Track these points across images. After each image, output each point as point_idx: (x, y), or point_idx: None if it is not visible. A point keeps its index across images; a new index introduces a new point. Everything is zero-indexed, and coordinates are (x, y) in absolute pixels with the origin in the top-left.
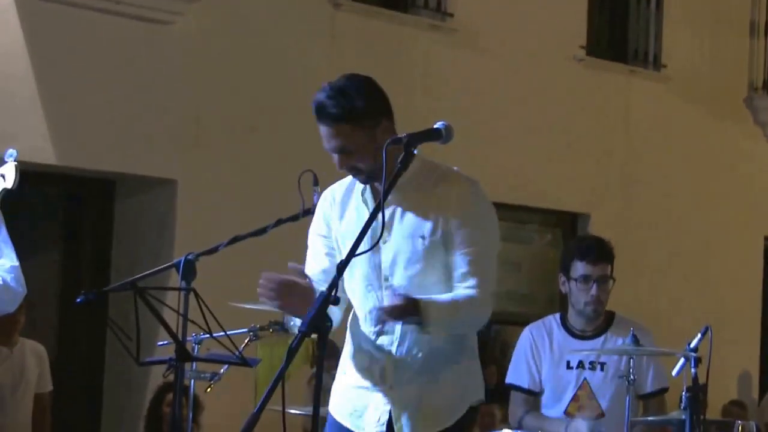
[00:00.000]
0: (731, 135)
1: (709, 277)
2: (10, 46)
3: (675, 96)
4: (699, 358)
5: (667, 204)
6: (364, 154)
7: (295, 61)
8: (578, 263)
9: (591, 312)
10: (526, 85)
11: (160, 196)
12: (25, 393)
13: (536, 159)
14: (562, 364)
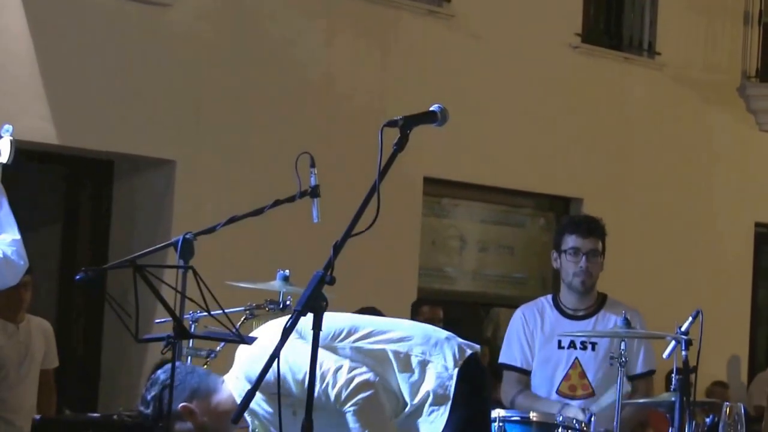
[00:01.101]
0: (724, 122)
1: (700, 261)
2: (12, 28)
3: (669, 83)
4: (689, 341)
5: (659, 189)
6: None
7: (293, 44)
8: (569, 237)
9: (579, 284)
10: (521, 71)
11: (159, 177)
12: (31, 369)
13: (530, 144)
14: (554, 343)
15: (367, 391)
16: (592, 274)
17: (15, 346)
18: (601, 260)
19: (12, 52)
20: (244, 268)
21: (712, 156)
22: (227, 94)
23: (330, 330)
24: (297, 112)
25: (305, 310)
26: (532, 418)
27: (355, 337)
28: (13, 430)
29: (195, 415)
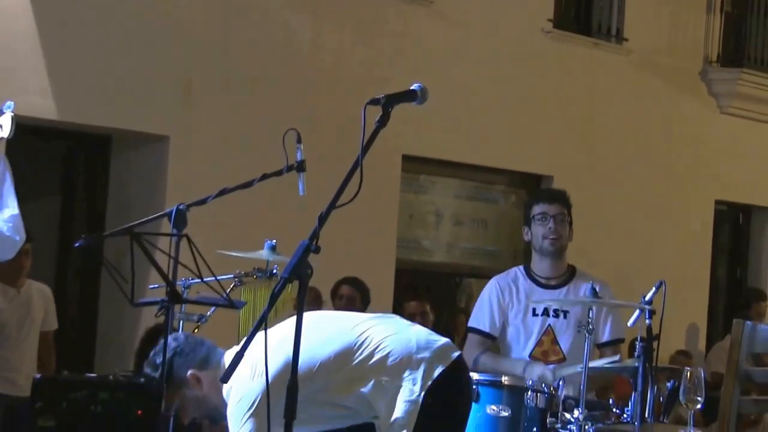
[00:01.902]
0: (687, 105)
1: (663, 236)
2: (13, 9)
3: (635, 68)
4: (653, 310)
5: (625, 167)
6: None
7: (281, 28)
8: (536, 205)
9: (549, 245)
10: (496, 55)
11: (153, 151)
12: (31, 330)
13: (504, 124)
14: (529, 311)
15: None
16: (562, 236)
17: (16, 309)
18: (568, 226)
19: (14, 32)
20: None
21: (675, 137)
22: (218, 74)
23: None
24: (284, 92)
25: (291, 278)
26: (504, 381)
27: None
28: (14, 388)
29: (201, 384)
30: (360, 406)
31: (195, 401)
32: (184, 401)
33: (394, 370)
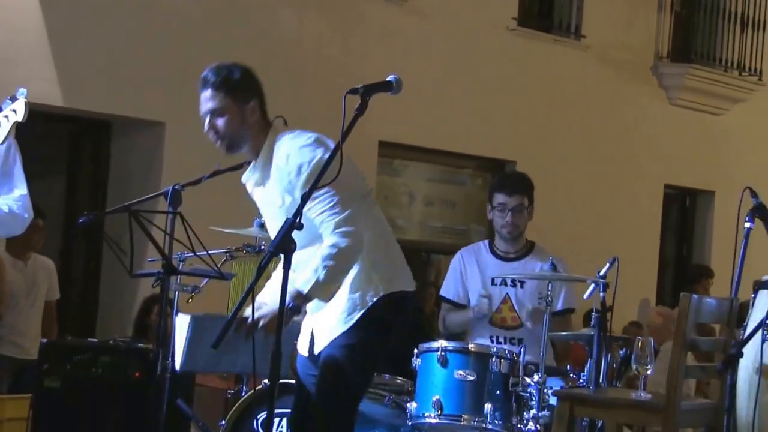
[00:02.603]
0: (639, 97)
1: (617, 216)
2: (24, 5)
3: (592, 62)
4: (607, 284)
5: (582, 154)
6: (230, 123)
7: (269, 22)
8: (497, 194)
9: (506, 234)
10: (465, 50)
11: (150, 136)
12: (36, 299)
13: (472, 113)
14: (488, 280)
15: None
16: (518, 226)
17: (23, 279)
18: (527, 212)
19: (24, 27)
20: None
21: (628, 126)
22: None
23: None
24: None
25: (277, 251)
26: (470, 348)
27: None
28: (21, 351)
29: (255, 114)
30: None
31: (239, 126)
32: (233, 117)
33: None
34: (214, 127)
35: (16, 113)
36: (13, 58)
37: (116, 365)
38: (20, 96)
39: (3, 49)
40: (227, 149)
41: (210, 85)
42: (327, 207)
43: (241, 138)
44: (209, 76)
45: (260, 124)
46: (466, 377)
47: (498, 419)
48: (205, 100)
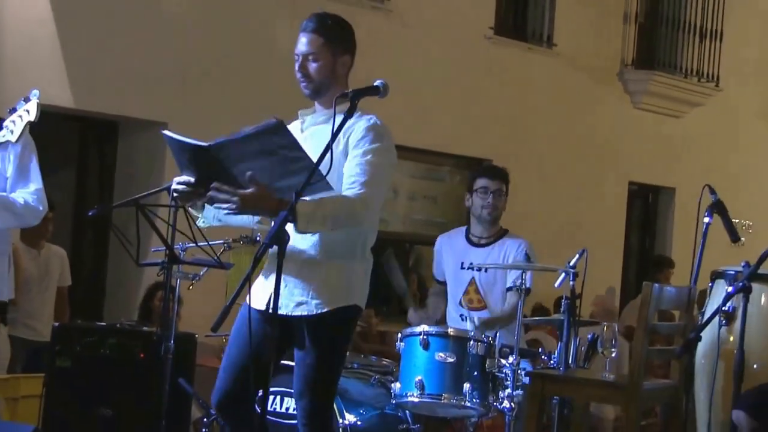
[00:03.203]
0: (606, 101)
1: (585, 211)
2: (38, 16)
3: (563, 68)
4: (576, 273)
5: (553, 153)
6: (321, 69)
7: (263, 27)
8: (480, 179)
9: (486, 215)
10: (445, 56)
11: (154, 135)
12: (49, 286)
13: (451, 115)
14: (458, 264)
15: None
16: (497, 207)
17: (37, 267)
18: (504, 199)
19: (38, 36)
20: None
21: (596, 127)
22: (209, 69)
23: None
24: (265, 83)
25: (271, 243)
26: (450, 332)
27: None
28: (35, 333)
29: (347, 68)
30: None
31: (328, 75)
32: (325, 64)
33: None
34: (305, 69)
35: (29, 113)
36: (27, 64)
37: (122, 347)
38: (33, 97)
39: (19, 56)
40: (311, 94)
41: (312, 29)
42: (370, 174)
43: (325, 87)
44: (315, 21)
45: (343, 82)
46: (446, 359)
47: (476, 398)
48: (303, 43)
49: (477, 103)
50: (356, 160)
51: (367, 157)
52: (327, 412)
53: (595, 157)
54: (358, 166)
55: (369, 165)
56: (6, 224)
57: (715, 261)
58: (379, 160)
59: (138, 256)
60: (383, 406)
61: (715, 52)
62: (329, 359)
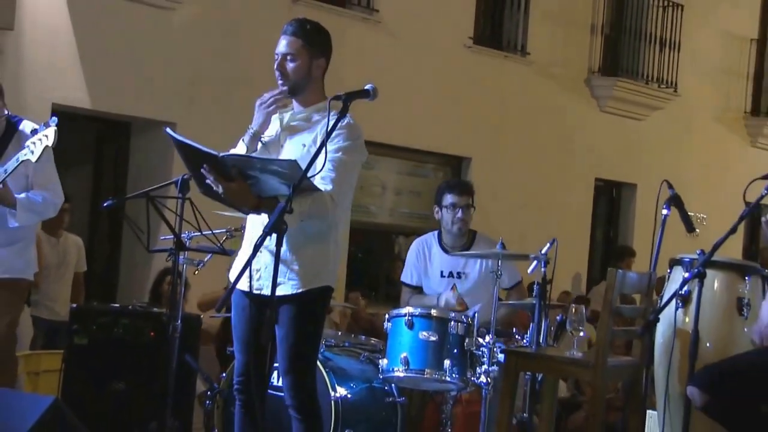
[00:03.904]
0: (575, 105)
1: (555, 204)
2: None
3: (535, 75)
4: (547, 261)
5: (527, 153)
6: (298, 69)
7: (263, 38)
8: (448, 195)
9: (457, 230)
10: (429, 63)
11: (164, 135)
12: (66, 271)
13: (435, 117)
14: (438, 273)
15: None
16: (466, 222)
17: (55, 254)
18: (471, 211)
19: (58, 44)
20: None
21: (565, 129)
22: (214, 74)
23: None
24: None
25: (271, 232)
26: (432, 313)
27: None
28: (53, 314)
29: (322, 70)
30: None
31: (304, 75)
32: (301, 65)
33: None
34: (283, 68)
35: (47, 138)
36: (49, 70)
37: (134, 326)
38: (52, 124)
39: (41, 62)
40: (289, 92)
41: (291, 32)
42: (339, 170)
43: (301, 87)
44: (295, 24)
45: (318, 83)
46: (429, 338)
47: (455, 373)
48: (282, 44)
49: (457, 106)
50: (330, 155)
51: (339, 154)
52: (311, 384)
53: (565, 155)
54: (330, 162)
55: (340, 162)
56: (30, 222)
57: (673, 249)
58: (349, 158)
59: (148, 244)
60: (371, 381)
61: (673, 60)
62: (306, 335)
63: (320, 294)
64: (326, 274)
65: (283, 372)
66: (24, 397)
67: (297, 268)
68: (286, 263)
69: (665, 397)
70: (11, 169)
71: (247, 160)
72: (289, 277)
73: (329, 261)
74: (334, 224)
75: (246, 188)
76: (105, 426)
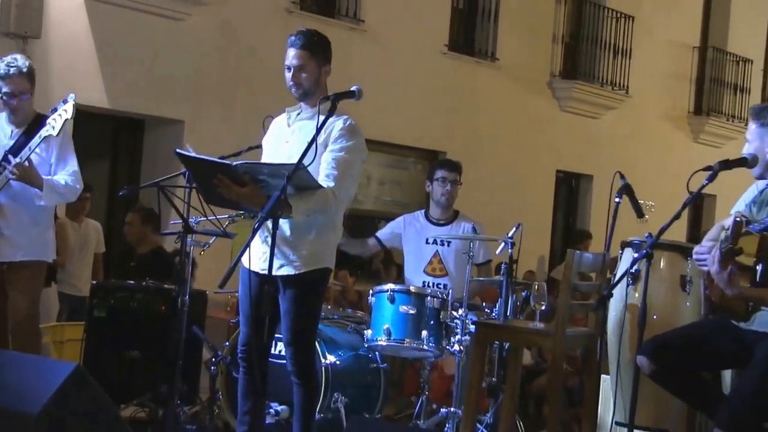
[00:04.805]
0: (539, 105)
1: (521, 193)
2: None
3: (504, 79)
4: (513, 243)
5: (495, 146)
6: (309, 78)
7: (262, 47)
8: (440, 170)
9: (444, 201)
10: (409, 68)
11: (173, 131)
12: (87, 252)
13: (414, 115)
14: (423, 240)
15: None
16: (453, 195)
17: (78, 237)
18: (458, 187)
19: (79, 50)
20: None
21: (530, 126)
22: (219, 77)
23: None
24: (263, 90)
25: (267, 217)
26: (412, 290)
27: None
28: (76, 290)
29: (326, 76)
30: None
31: (314, 82)
32: (311, 74)
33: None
34: (297, 78)
35: (67, 112)
36: (71, 73)
37: (147, 301)
38: (70, 99)
39: (64, 66)
40: (300, 97)
41: (300, 45)
42: (341, 168)
43: (312, 91)
44: (302, 38)
45: (324, 87)
46: (408, 311)
47: (432, 342)
48: (293, 57)
49: (434, 105)
50: (333, 154)
51: (341, 153)
52: (310, 354)
53: (529, 149)
54: (333, 160)
55: (342, 161)
56: (53, 203)
57: (624, 233)
58: (351, 156)
59: (160, 227)
60: (358, 349)
61: (625, 66)
62: (307, 311)
63: (320, 275)
64: (326, 257)
65: (286, 343)
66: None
67: (300, 252)
68: (291, 247)
69: (617, 364)
70: (35, 146)
71: (257, 166)
72: (292, 259)
73: (329, 246)
74: (335, 214)
75: (258, 191)
76: (121, 389)
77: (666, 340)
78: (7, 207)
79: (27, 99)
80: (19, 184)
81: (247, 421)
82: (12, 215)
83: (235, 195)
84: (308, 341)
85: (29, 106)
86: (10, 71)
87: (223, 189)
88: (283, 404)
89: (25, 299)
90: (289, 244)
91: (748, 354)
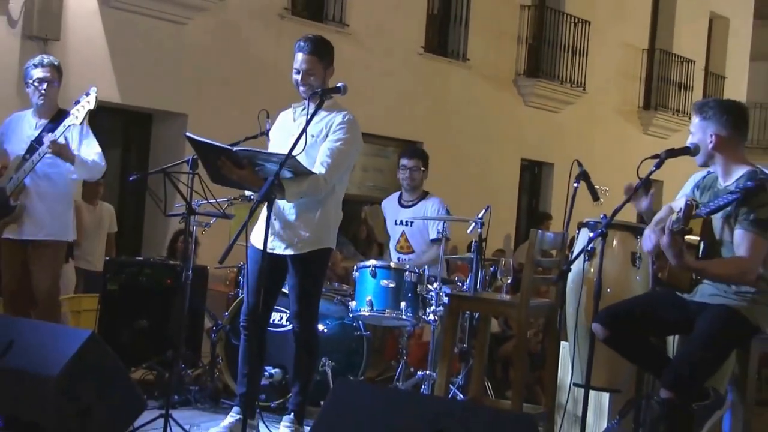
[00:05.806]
0: (505, 100)
1: (490, 178)
2: (94, 36)
3: (475, 78)
4: (483, 223)
5: (467, 137)
6: (317, 80)
7: (257, 47)
8: (402, 158)
9: (407, 185)
10: (389, 67)
11: (178, 123)
12: (101, 232)
13: (394, 109)
14: (393, 221)
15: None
16: (414, 180)
17: (93, 218)
18: (421, 172)
19: (94, 50)
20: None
21: (497, 119)
22: (219, 75)
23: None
24: (259, 87)
25: (263, 201)
26: (392, 265)
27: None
28: (91, 265)
29: (329, 75)
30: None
31: (321, 83)
32: (318, 76)
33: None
34: (306, 81)
35: (89, 103)
36: (86, 71)
37: (155, 275)
38: (92, 92)
39: (79, 64)
40: (311, 97)
41: (309, 51)
42: (335, 157)
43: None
44: (309, 44)
45: (328, 84)
46: (388, 284)
47: (410, 313)
48: (302, 61)
49: (411, 100)
50: (329, 144)
51: (338, 143)
52: (314, 324)
53: (497, 140)
54: (329, 150)
55: (337, 151)
56: (82, 176)
57: (581, 215)
58: (346, 147)
59: (165, 209)
60: (343, 318)
61: (582, 65)
62: (311, 287)
63: (322, 254)
64: (327, 238)
65: (292, 315)
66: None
67: (304, 234)
68: (296, 229)
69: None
70: (59, 134)
71: (254, 153)
72: (298, 241)
73: (330, 228)
74: (336, 198)
75: (255, 174)
76: (132, 354)
77: (618, 309)
78: (32, 190)
79: (56, 87)
80: (44, 170)
81: (245, 382)
82: (36, 197)
83: (235, 176)
84: (313, 314)
85: (55, 95)
86: (44, 61)
87: (225, 170)
88: (276, 368)
89: (47, 275)
90: (294, 227)
91: (691, 322)
